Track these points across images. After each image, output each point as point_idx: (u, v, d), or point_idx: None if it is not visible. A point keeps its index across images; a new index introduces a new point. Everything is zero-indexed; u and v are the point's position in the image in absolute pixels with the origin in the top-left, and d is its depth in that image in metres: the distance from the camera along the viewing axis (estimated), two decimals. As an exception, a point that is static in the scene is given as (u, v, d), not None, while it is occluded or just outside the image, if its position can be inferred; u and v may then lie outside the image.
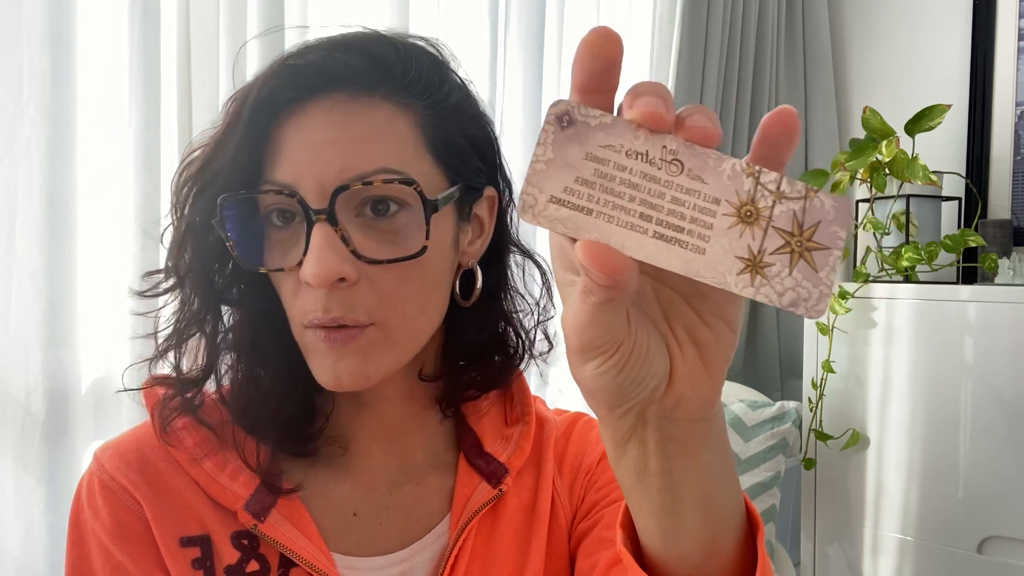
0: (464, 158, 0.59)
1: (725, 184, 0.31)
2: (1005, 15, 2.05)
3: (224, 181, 0.54)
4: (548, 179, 0.32)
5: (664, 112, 0.31)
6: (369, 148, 0.54)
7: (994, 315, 1.63)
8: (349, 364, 0.55)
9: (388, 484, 0.64)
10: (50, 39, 1.03)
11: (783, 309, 0.31)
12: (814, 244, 0.31)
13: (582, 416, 0.72)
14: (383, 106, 0.55)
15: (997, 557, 1.63)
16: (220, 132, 0.55)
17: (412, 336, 0.58)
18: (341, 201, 0.53)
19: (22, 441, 1.05)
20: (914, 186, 1.82)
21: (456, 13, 1.55)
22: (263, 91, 0.54)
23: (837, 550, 1.88)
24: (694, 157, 0.31)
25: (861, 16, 2.33)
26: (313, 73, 0.54)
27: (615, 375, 0.35)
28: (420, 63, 0.57)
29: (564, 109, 0.32)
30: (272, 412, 0.59)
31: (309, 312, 0.54)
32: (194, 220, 0.56)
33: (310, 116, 0.54)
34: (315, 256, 0.52)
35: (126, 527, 0.58)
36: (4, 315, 1.03)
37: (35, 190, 1.03)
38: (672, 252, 0.31)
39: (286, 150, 0.54)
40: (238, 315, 0.61)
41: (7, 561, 1.04)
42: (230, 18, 1.21)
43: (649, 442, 0.38)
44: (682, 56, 1.96)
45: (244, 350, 0.60)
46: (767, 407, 1.84)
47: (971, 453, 1.66)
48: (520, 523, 0.64)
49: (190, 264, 0.58)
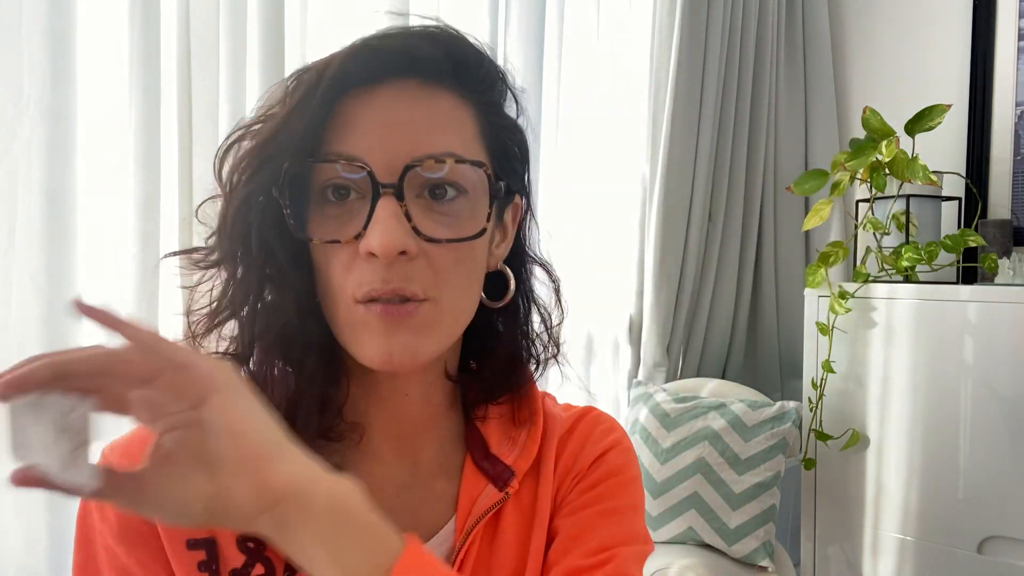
0: (509, 160, 0.61)
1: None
2: (1005, 15, 2.05)
3: (293, 152, 0.54)
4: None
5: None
6: (437, 132, 0.55)
7: (994, 315, 1.63)
8: (403, 340, 0.55)
9: (396, 486, 0.63)
10: (50, 39, 1.03)
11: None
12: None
13: (590, 411, 0.71)
14: (450, 96, 0.57)
15: (997, 557, 1.63)
16: (288, 107, 0.55)
17: (457, 319, 0.59)
18: (407, 179, 0.54)
19: (22, 441, 1.04)
20: (914, 186, 1.82)
21: (456, 13, 1.55)
22: (340, 70, 0.55)
23: (837, 550, 1.88)
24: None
25: (861, 16, 2.33)
26: (390, 56, 0.55)
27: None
28: (490, 62, 0.60)
29: None
30: (294, 400, 0.58)
31: (365, 284, 0.54)
32: (254, 190, 0.56)
33: (381, 96, 0.55)
34: (382, 227, 0.53)
35: (132, 528, 0.58)
36: (4, 315, 1.03)
37: (35, 190, 1.03)
38: None
39: (356, 124, 0.55)
40: (277, 296, 0.59)
41: (9, 562, 1.04)
42: (230, 18, 1.21)
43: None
44: (682, 56, 1.96)
45: (280, 333, 0.59)
46: (767, 407, 1.84)
47: (971, 453, 1.66)
48: (522, 525, 0.64)
49: (245, 235, 0.57)
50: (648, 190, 2.03)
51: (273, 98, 0.57)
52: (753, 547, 1.75)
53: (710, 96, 2.04)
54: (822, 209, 1.87)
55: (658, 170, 1.99)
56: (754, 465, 1.78)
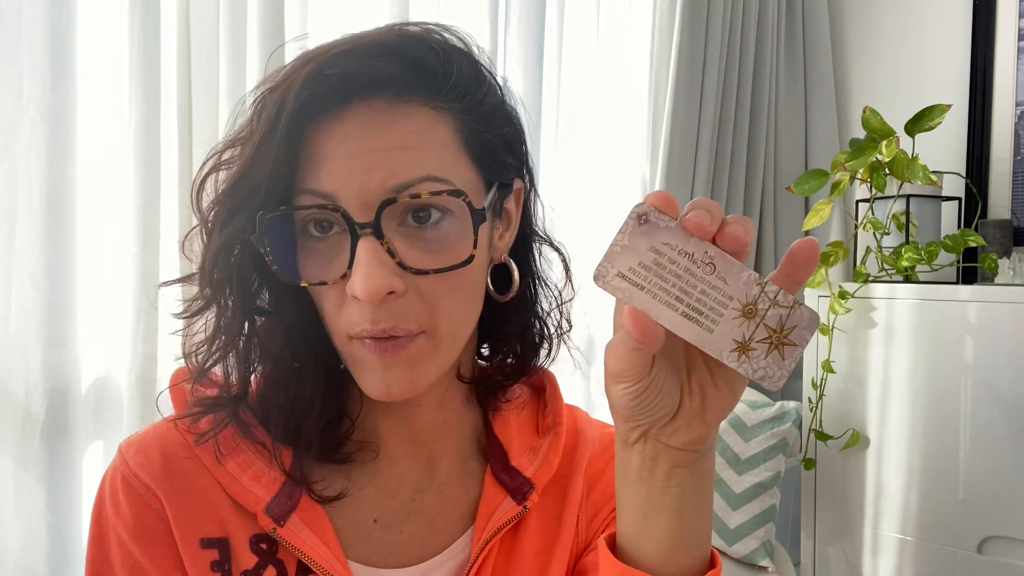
0: (499, 158, 0.59)
1: (740, 288, 0.43)
2: (1005, 15, 2.05)
3: (262, 198, 0.52)
4: (619, 259, 0.43)
5: (708, 224, 0.42)
6: (410, 155, 0.52)
7: (994, 315, 1.63)
8: (399, 374, 0.54)
9: (412, 490, 0.63)
10: (50, 39, 1.03)
11: (752, 380, 0.43)
12: (788, 341, 0.43)
13: None
14: (421, 111, 0.54)
15: (997, 557, 1.63)
16: (253, 144, 0.53)
17: (457, 341, 0.57)
18: (385, 214, 0.52)
19: (22, 441, 1.04)
20: (914, 186, 1.82)
21: (456, 13, 1.55)
22: (298, 102, 0.52)
23: (837, 550, 1.88)
24: (725, 263, 0.43)
25: (861, 16, 2.33)
26: (351, 81, 0.52)
27: (632, 398, 0.46)
28: (460, 68, 0.56)
29: (644, 211, 0.43)
30: (309, 421, 0.58)
31: (356, 324, 0.53)
32: (229, 239, 0.54)
33: (347, 124, 0.52)
34: (364, 272, 0.51)
35: (146, 526, 0.58)
36: (4, 315, 1.03)
37: (35, 190, 1.03)
38: (690, 327, 0.43)
39: (324, 159, 0.52)
40: (271, 325, 0.59)
41: (7, 561, 1.04)
42: (230, 18, 1.21)
43: (647, 453, 0.49)
44: (682, 56, 1.96)
45: (280, 360, 0.59)
46: (767, 407, 1.84)
47: (971, 453, 1.66)
48: (543, 543, 0.63)
49: (227, 279, 0.56)
50: (648, 190, 2.03)
51: (243, 119, 0.56)
52: (753, 547, 1.75)
53: (710, 96, 2.04)
54: (822, 209, 1.87)
55: (658, 170, 1.99)
56: (754, 465, 1.78)
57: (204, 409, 0.59)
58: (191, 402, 0.60)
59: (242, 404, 0.60)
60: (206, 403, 0.59)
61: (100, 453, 1.15)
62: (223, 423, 0.59)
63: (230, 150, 0.56)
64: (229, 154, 0.56)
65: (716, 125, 2.08)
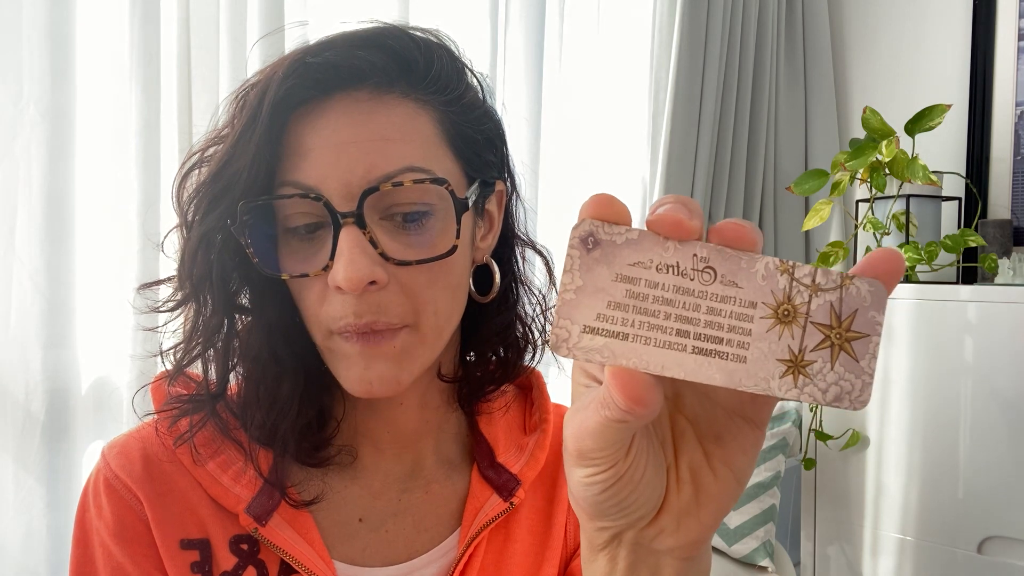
0: (480, 154, 0.58)
1: (760, 285, 0.31)
2: (1005, 15, 2.05)
3: (243, 187, 0.52)
4: (579, 308, 0.31)
5: (687, 218, 0.31)
6: (393, 146, 0.52)
7: (994, 315, 1.63)
8: (381, 370, 0.54)
9: (397, 490, 0.63)
10: (50, 39, 1.03)
11: (828, 406, 0.31)
12: (853, 334, 0.31)
13: None
14: (403, 103, 0.53)
15: (997, 557, 1.63)
16: (234, 134, 0.53)
17: (440, 336, 0.57)
18: (368, 203, 0.51)
19: (22, 441, 1.04)
20: (914, 186, 1.82)
21: (456, 13, 1.55)
22: (280, 91, 0.51)
23: (837, 550, 1.88)
24: (725, 261, 0.31)
25: (861, 16, 2.33)
26: (333, 71, 0.52)
27: (600, 490, 0.34)
28: (441, 60, 0.56)
29: (588, 230, 0.31)
30: (285, 422, 0.58)
31: (339, 318, 0.52)
32: (210, 229, 0.54)
33: (329, 115, 0.52)
34: (346, 260, 0.50)
35: (127, 527, 0.58)
36: (4, 315, 1.03)
37: (35, 190, 1.03)
38: (713, 365, 0.31)
39: (306, 151, 0.52)
40: (251, 323, 0.58)
41: (7, 561, 1.04)
42: (230, 18, 1.21)
43: (620, 562, 0.38)
44: (682, 56, 1.96)
45: (257, 359, 0.58)
46: (767, 407, 1.84)
47: (971, 453, 1.66)
48: (533, 543, 0.63)
49: (206, 275, 0.55)
50: (648, 190, 2.03)
51: (225, 116, 0.55)
52: (753, 547, 1.75)
53: (710, 96, 2.04)
54: (822, 209, 1.87)
55: (658, 170, 1.99)
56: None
57: (179, 409, 0.59)
58: (165, 401, 0.60)
59: (222, 403, 0.59)
60: (181, 401, 0.59)
61: (100, 453, 1.15)
62: (200, 424, 0.58)
63: (213, 147, 0.56)
64: (212, 150, 0.56)
65: (716, 125, 2.08)
